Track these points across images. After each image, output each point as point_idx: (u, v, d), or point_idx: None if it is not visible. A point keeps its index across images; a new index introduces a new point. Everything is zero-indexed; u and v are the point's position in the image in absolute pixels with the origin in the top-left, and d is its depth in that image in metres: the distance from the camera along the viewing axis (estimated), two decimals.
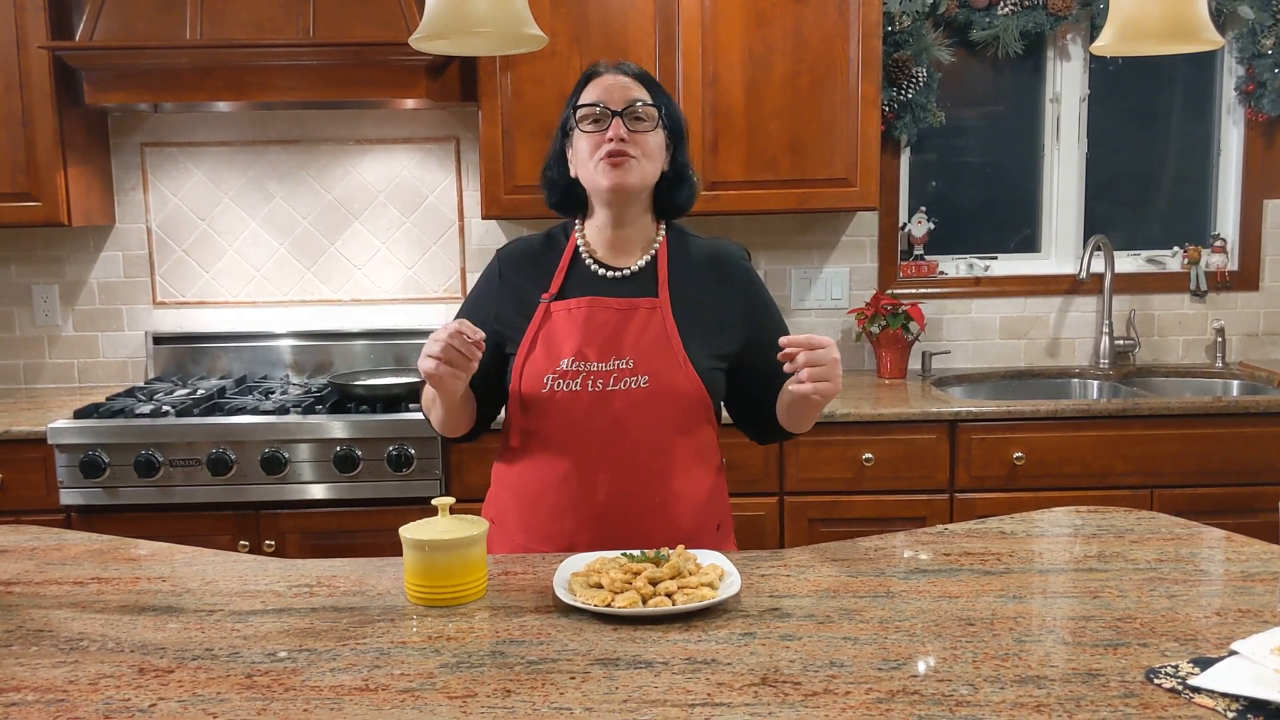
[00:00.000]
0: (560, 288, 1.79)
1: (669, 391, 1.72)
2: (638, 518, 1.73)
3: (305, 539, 2.84)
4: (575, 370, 1.72)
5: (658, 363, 1.72)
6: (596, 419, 1.71)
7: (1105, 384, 3.40)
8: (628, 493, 1.72)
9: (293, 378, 3.39)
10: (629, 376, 1.71)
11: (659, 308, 1.75)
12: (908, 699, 1.16)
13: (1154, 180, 3.64)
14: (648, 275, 1.79)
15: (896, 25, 3.32)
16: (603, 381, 1.71)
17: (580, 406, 1.71)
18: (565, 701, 1.17)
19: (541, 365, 1.74)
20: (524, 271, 1.82)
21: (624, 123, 1.72)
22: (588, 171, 1.75)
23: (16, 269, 3.45)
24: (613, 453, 1.72)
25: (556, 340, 1.74)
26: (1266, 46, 3.38)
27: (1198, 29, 1.55)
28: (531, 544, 1.77)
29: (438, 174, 3.42)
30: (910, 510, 2.90)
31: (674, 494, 1.75)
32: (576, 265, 1.81)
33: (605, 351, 1.72)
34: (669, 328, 1.74)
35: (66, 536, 1.81)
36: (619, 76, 1.77)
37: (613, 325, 1.74)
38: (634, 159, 1.72)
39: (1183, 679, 1.18)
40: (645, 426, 1.72)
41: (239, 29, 2.93)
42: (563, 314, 1.75)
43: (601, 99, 1.73)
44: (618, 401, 1.71)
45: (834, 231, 3.47)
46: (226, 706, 1.17)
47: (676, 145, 1.82)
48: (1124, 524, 1.76)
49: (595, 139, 1.73)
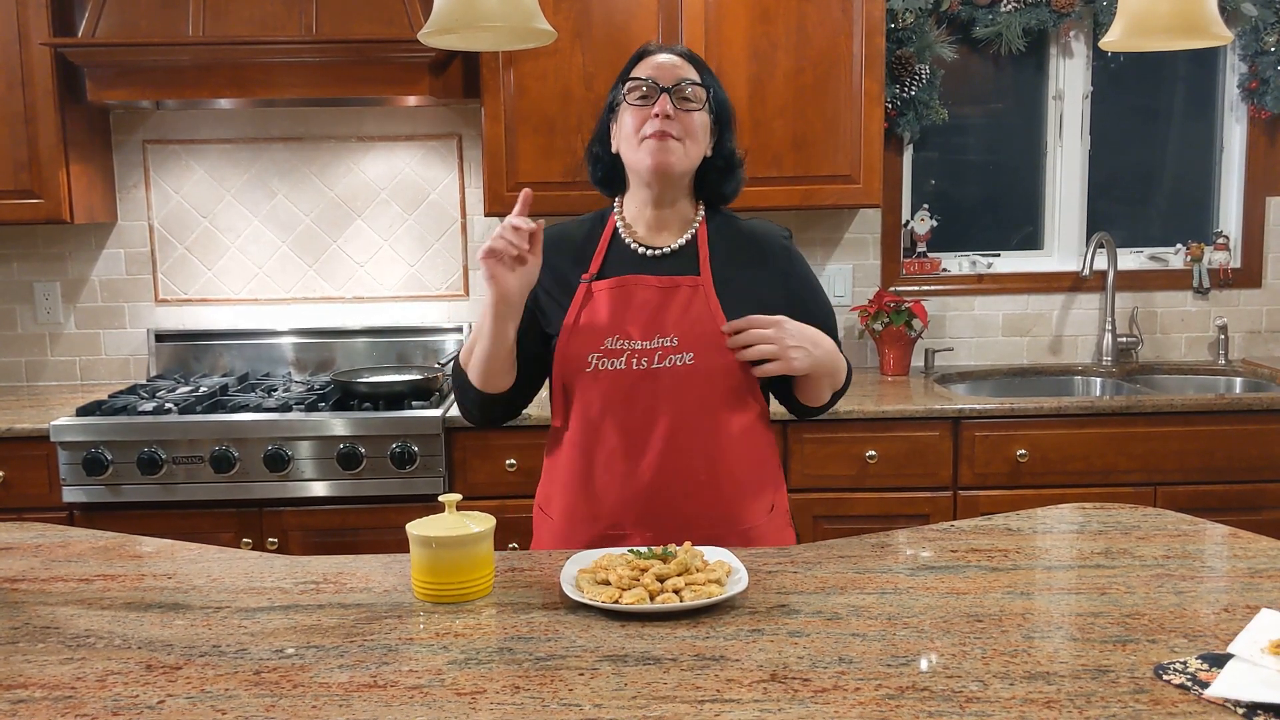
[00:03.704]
0: (600, 267, 1.77)
1: (714, 368, 1.71)
2: (684, 497, 1.72)
3: (308, 536, 2.84)
4: (619, 348, 1.71)
5: (702, 339, 1.71)
6: (641, 396, 1.70)
7: (1108, 381, 3.40)
8: (674, 470, 1.71)
9: (295, 375, 3.39)
10: (674, 354, 1.70)
11: (701, 285, 1.74)
12: (917, 695, 1.16)
13: (1157, 177, 3.64)
14: (688, 254, 1.77)
15: (900, 22, 3.32)
16: (647, 359, 1.70)
17: (624, 384, 1.70)
18: (574, 698, 1.16)
19: (585, 344, 1.72)
20: (563, 252, 1.80)
21: (671, 100, 1.71)
22: (630, 148, 1.74)
23: (19, 266, 3.45)
24: (658, 430, 1.71)
25: (599, 319, 1.73)
26: (1269, 44, 3.38)
27: (1206, 23, 1.55)
28: (574, 529, 1.75)
29: (440, 171, 3.42)
30: (914, 507, 2.89)
31: (721, 473, 1.73)
32: (616, 244, 1.80)
33: (649, 329, 1.71)
34: (712, 305, 1.72)
35: (71, 533, 1.81)
36: (670, 56, 1.76)
37: (655, 303, 1.73)
38: (678, 140, 1.71)
39: (1192, 675, 1.18)
40: (690, 404, 1.71)
41: (241, 26, 2.93)
42: (604, 293, 1.74)
43: (651, 75, 1.72)
44: (663, 379, 1.70)
45: (837, 229, 3.47)
46: (235, 703, 1.17)
47: (723, 131, 1.80)
48: (1130, 521, 1.76)
49: (641, 114, 1.72)
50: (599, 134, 1.83)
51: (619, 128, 1.77)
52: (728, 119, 1.81)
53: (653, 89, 1.72)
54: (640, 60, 1.77)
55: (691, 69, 1.76)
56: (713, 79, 1.79)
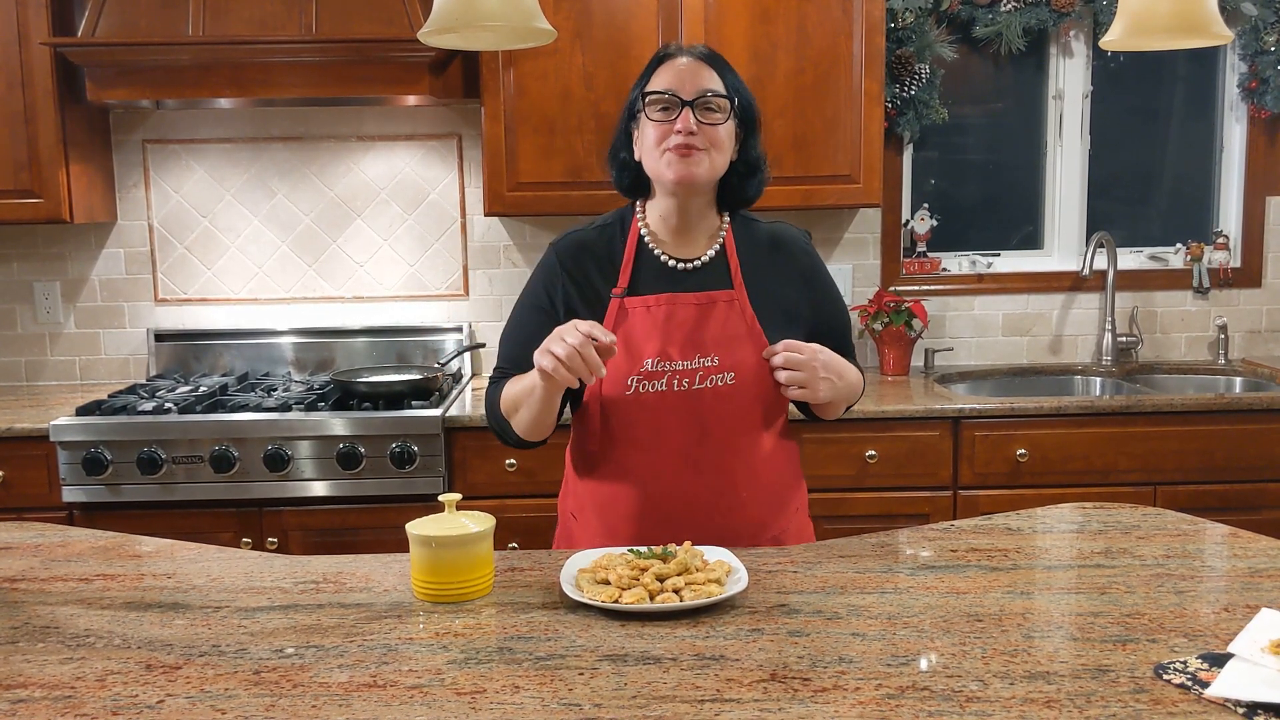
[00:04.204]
0: (630, 281, 1.73)
1: (755, 386, 1.70)
2: (724, 512, 1.72)
3: (308, 536, 2.84)
4: (660, 370, 1.68)
5: (742, 356, 1.69)
6: (682, 419, 1.68)
7: (1108, 381, 3.40)
8: (716, 489, 1.71)
9: (295, 375, 3.39)
10: (715, 374, 1.68)
11: (736, 300, 1.71)
12: (917, 694, 1.16)
13: (1156, 177, 3.64)
14: (719, 265, 1.74)
15: (900, 22, 3.32)
16: (688, 380, 1.68)
17: (666, 407, 1.68)
18: (574, 697, 1.16)
19: (624, 367, 1.68)
20: (585, 264, 1.74)
21: (694, 114, 1.65)
22: (653, 159, 1.69)
23: (18, 266, 3.44)
24: (698, 451, 1.69)
25: (637, 339, 1.69)
26: (1269, 43, 3.38)
27: (1207, 23, 1.55)
28: (610, 544, 1.74)
29: (440, 171, 3.42)
30: (914, 507, 2.89)
31: (758, 486, 1.74)
32: (643, 255, 1.75)
33: (689, 349, 1.68)
34: (749, 319, 1.71)
35: (70, 533, 1.81)
36: (691, 61, 1.69)
37: (694, 321, 1.69)
38: (702, 152, 1.66)
39: (1192, 675, 1.18)
40: (730, 423, 1.70)
41: (241, 25, 2.93)
42: (640, 311, 1.70)
43: (672, 86, 1.66)
44: (704, 399, 1.68)
45: (837, 228, 3.47)
46: (234, 703, 1.17)
47: (748, 134, 1.75)
48: (1130, 520, 1.76)
49: (663, 129, 1.66)
50: (621, 140, 1.77)
51: (641, 137, 1.72)
52: (753, 121, 1.76)
53: (673, 102, 1.66)
54: (660, 65, 1.71)
55: (713, 74, 1.69)
56: (736, 79, 1.73)
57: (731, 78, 1.72)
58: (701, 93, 1.66)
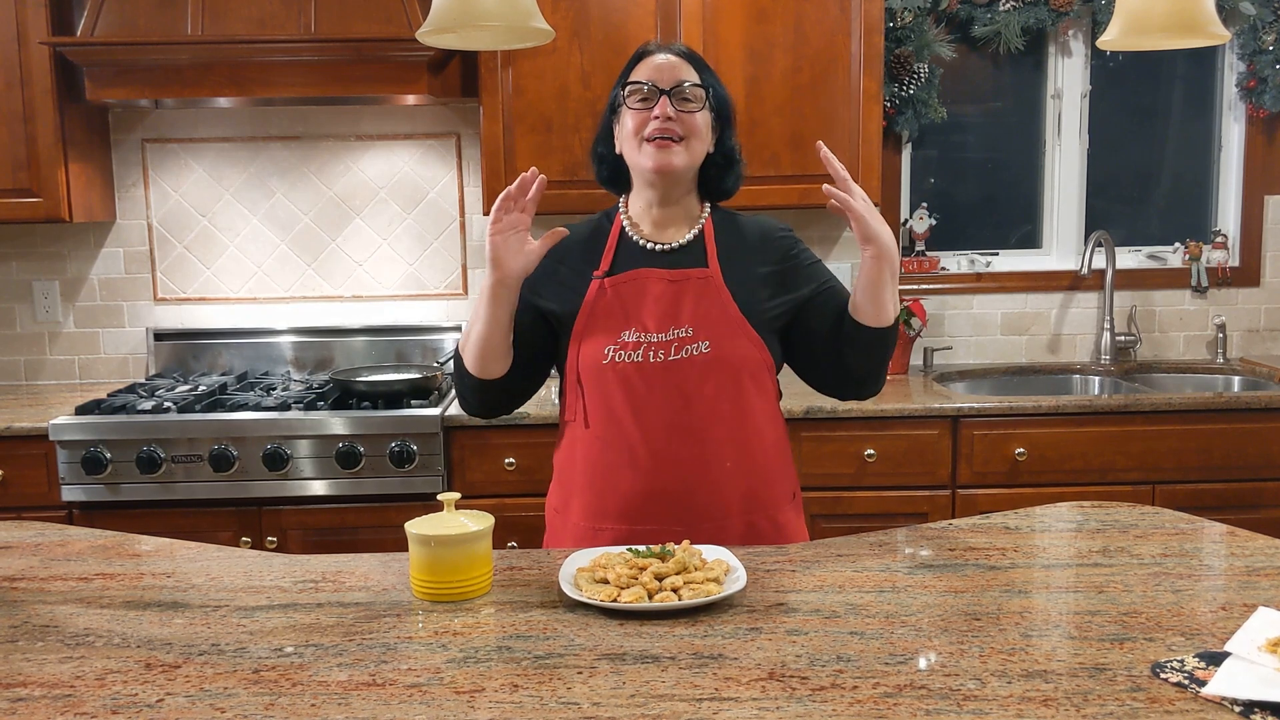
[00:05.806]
0: (611, 264, 1.79)
1: (732, 356, 1.73)
2: (714, 487, 1.73)
3: (307, 535, 2.84)
4: (636, 341, 1.72)
5: (717, 328, 1.73)
6: (661, 389, 1.71)
7: (1106, 380, 3.41)
8: (702, 460, 1.72)
9: (294, 374, 3.39)
10: (690, 344, 1.72)
11: (711, 277, 1.75)
12: (915, 693, 1.16)
13: (1155, 176, 3.64)
14: (696, 248, 1.79)
15: (898, 21, 3.32)
16: (664, 352, 1.71)
17: (643, 378, 1.71)
18: (573, 696, 1.17)
19: (600, 339, 1.74)
20: (572, 252, 1.81)
21: (671, 102, 1.73)
22: (632, 149, 1.76)
23: (17, 265, 3.45)
24: (681, 421, 1.72)
25: (613, 314, 1.74)
26: (1268, 42, 3.38)
27: (1204, 22, 1.55)
28: (600, 525, 1.75)
29: (439, 170, 3.42)
30: (912, 506, 2.90)
31: (747, 458, 1.75)
32: (624, 242, 1.81)
33: (664, 321, 1.73)
34: (723, 295, 1.74)
35: (70, 532, 1.81)
36: (669, 56, 1.77)
37: (669, 296, 1.74)
38: (680, 140, 1.73)
39: (1189, 673, 1.18)
40: (711, 392, 1.72)
41: (240, 25, 2.93)
42: (616, 288, 1.76)
43: (651, 78, 1.74)
44: (682, 369, 1.71)
45: (835, 227, 3.47)
46: (234, 701, 1.17)
47: (724, 127, 1.83)
48: (1128, 519, 1.76)
49: (641, 117, 1.74)
50: (602, 134, 1.85)
51: (620, 129, 1.79)
52: (728, 115, 1.83)
53: (652, 91, 1.74)
54: (639, 61, 1.79)
55: (690, 68, 1.77)
56: (712, 76, 1.81)
57: (708, 75, 1.80)
58: (678, 83, 1.74)
